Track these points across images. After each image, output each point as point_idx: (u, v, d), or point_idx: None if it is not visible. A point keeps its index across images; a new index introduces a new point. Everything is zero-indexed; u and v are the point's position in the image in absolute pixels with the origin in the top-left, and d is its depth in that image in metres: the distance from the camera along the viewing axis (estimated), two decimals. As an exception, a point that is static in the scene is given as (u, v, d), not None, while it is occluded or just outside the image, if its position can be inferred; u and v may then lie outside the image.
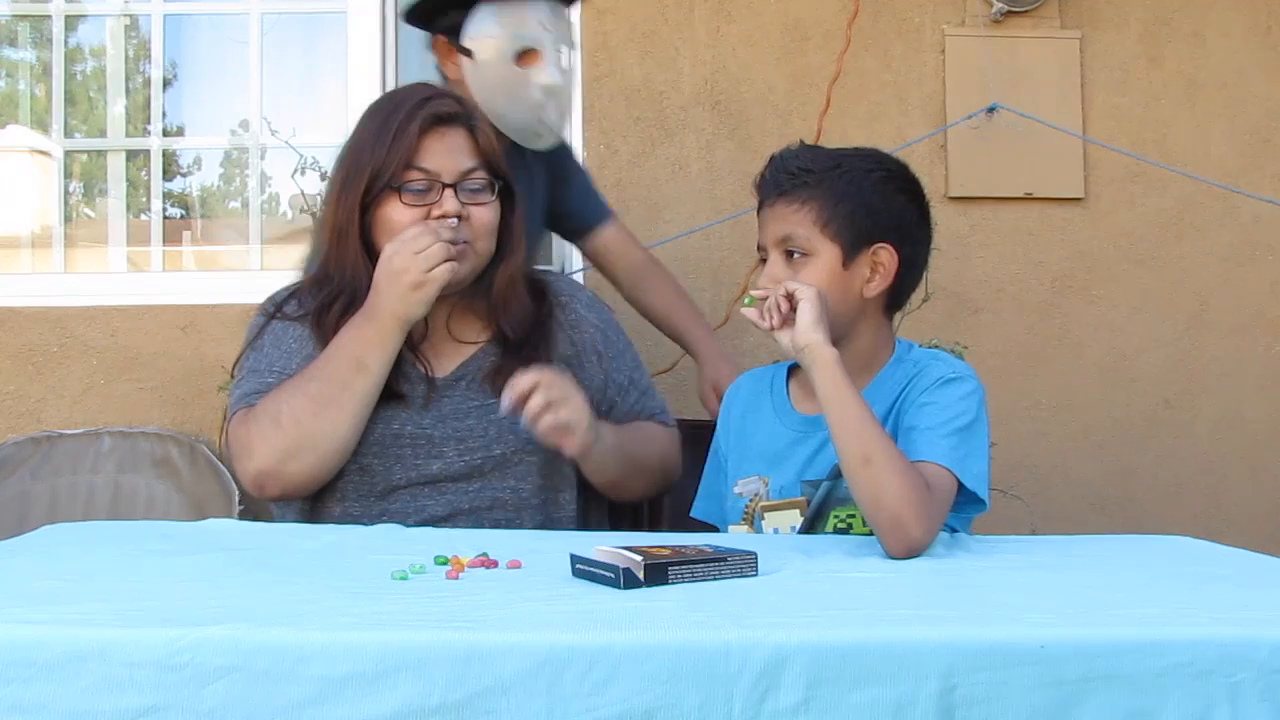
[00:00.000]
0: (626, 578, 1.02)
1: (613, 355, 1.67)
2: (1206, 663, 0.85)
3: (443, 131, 1.54)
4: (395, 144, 1.51)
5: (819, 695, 0.83)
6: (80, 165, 3.32)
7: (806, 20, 2.94)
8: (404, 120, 1.52)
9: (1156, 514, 2.94)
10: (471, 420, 1.56)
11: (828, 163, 1.50)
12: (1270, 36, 3.03)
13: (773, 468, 1.53)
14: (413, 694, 0.81)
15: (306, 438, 1.47)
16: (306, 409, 1.47)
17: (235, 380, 1.59)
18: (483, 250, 1.57)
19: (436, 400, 1.56)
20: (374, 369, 1.49)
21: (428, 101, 1.55)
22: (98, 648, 0.81)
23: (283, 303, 1.63)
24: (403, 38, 3.09)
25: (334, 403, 1.47)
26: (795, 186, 1.49)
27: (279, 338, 1.58)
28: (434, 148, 1.53)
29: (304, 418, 1.47)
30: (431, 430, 1.54)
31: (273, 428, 1.48)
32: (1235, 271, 3.01)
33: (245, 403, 1.54)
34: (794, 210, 1.49)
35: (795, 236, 1.48)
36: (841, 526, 1.47)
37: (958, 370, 1.47)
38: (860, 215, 1.48)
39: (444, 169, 1.53)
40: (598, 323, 1.68)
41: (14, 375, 2.84)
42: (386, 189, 1.52)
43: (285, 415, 1.48)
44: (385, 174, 1.51)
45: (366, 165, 1.52)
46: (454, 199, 1.52)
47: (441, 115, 1.54)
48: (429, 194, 1.52)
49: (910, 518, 1.26)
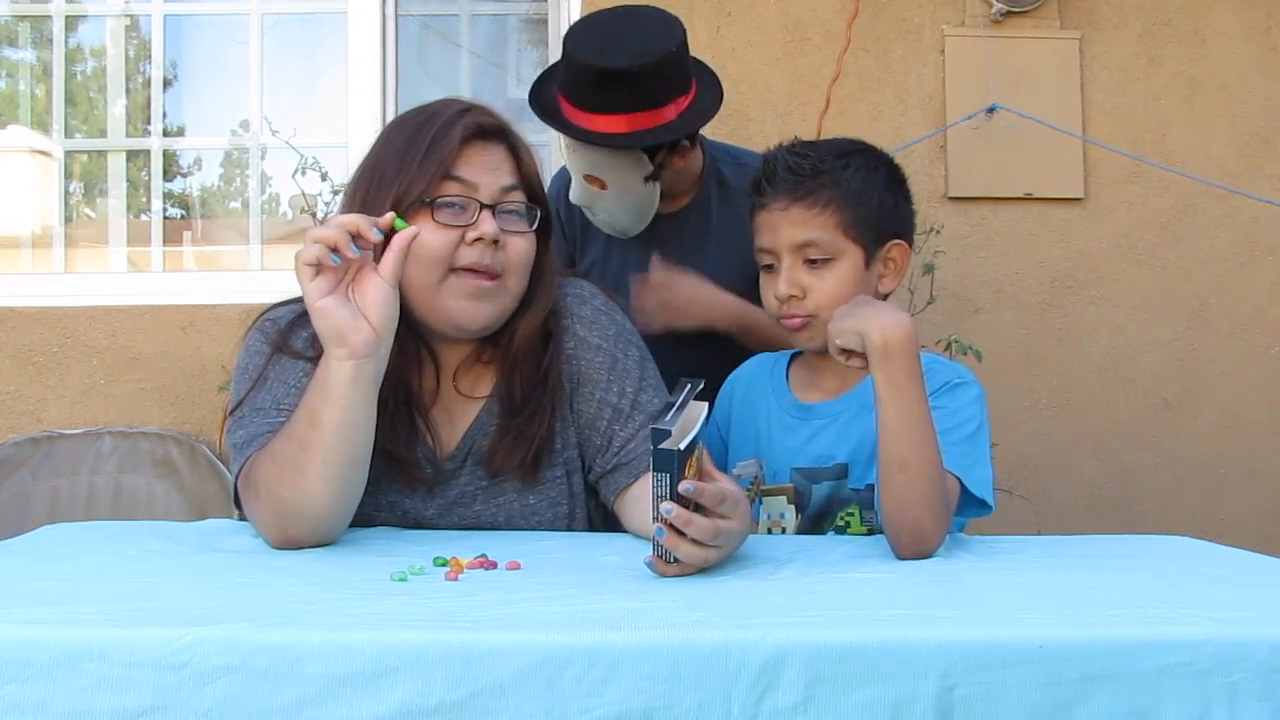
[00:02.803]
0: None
1: (615, 378, 1.46)
2: (1205, 662, 0.85)
3: (484, 145, 1.38)
4: (431, 152, 1.34)
5: (818, 695, 0.83)
6: (81, 165, 3.33)
7: (806, 20, 2.95)
8: (443, 128, 1.36)
9: (1156, 514, 2.94)
10: (478, 505, 1.45)
11: (837, 161, 1.48)
12: (1270, 37, 3.03)
13: (765, 451, 1.53)
14: (412, 694, 0.81)
15: (285, 505, 1.27)
16: (273, 475, 1.27)
17: (237, 415, 1.39)
18: (514, 289, 1.39)
19: (442, 486, 1.44)
20: (327, 424, 1.23)
21: (469, 111, 1.39)
22: (97, 648, 0.81)
23: (287, 331, 1.44)
24: (403, 37, 3.10)
25: (293, 465, 1.25)
26: (811, 189, 1.45)
27: (285, 372, 1.40)
28: (474, 160, 1.36)
29: (273, 485, 1.27)
30: (436, 520, 1.45)
31: (256, 500, 1.30)
32: (1235, 272, 3.01)
33: (249, 450, 1.35)
34: (814, 214, 1.46)
35: (819, 242, 1.45)
36: (840, 525, 1.47)
37: (961, 375, 1.47)
38: (878, 214, 1.48)
39: (483, 185, 1.36)
40: (599, 343, 1.47)
41: (14, 375, 2.84)
42: (417, 205, 1.33)
43: (261, 484, 1.28)
44: (417, 187, 1.33)
45: (393, 179, 1.34)
46: (491, 221, 1.34)
47: (485, 127, 1.38)
48: (464, 213, 1.34)
49: (930, 527, 1.26)
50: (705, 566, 1.11)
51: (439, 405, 1.45)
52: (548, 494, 1.46)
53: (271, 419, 1.35)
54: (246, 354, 1.44)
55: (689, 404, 1.12)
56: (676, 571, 1.10)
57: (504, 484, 1.45)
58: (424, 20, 3.69)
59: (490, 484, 1.45)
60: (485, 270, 1.35)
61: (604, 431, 1.44)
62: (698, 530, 1.07)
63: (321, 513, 1.27)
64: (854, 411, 1.49)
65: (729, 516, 1.10)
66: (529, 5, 3.60)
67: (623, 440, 1.44)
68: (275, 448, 1.28)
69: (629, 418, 1.44)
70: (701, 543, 1.08)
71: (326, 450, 1.24)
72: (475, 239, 1.34)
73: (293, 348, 1.42)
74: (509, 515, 1.45)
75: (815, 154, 1.49)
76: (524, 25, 3.81)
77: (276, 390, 1.39)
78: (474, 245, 1.34)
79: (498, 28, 3.88)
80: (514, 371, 1.42)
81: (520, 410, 1.42)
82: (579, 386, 1.46)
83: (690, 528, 1.07)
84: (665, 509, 1.05)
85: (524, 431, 1.42)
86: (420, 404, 1.43)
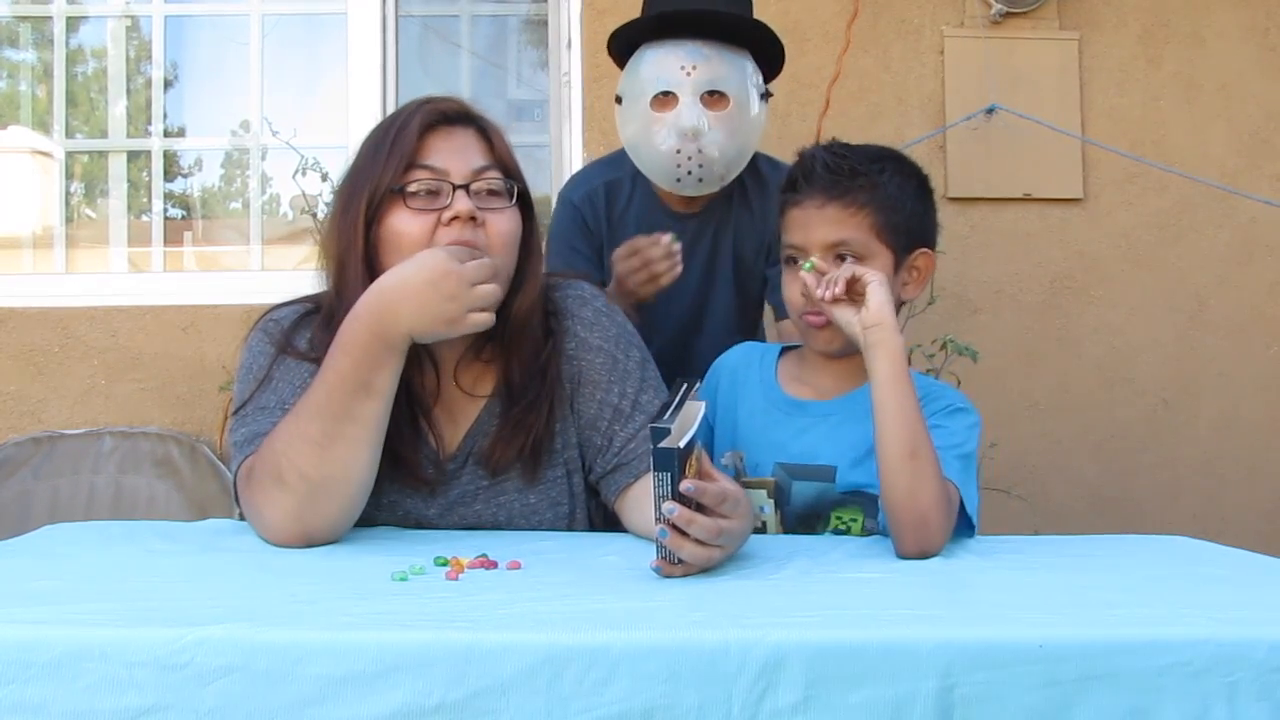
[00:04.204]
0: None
1: (616, 378, 1.46)
2: (1204, 662, 0.85)
3: (448, 131, 1.39)
4: (395, 145, 1.36)
5: (817, 695, 0.83)
6: (81, 166, 3.33)
7: (806, 21, 2.95)
8: (404, 120, 1.38)
9: (1155, 514, 2.94)
10: (479, 505, 1.45)
11: (873, 165, 1.49)
12: (1269, 38, 3.04)
13: (749, 444, 1.53)
14: (412, 694, 0.81)
15: (319, 488, 1.26)
16: (310, 456, 1.25)
17: (241, 414, 1.39)
18: (502, 268, 1.37)
19: (444, 486, 1.44)
20: (384, 390, 1.28)
21: (428, 101, 1.41)
22: (98, 648, 0.82)
23: (290, 331, 1.44)
24: (403, 38, 3.10)
25: (341, 439, 1.26)
26: (848, 189, 1.46)
27: (289, 372, 1.40)
28: (439, 146, 1.37)
29: (309, 468, 1.25)
30: (437, 520, 1.45)
31: (278, 488, 1.27)
32: (1234, 272, 3.01)
33: (252, 447, 1.34)
34: (850, 215, 1.46)
35: (852, 242, 1.46)
36: (841, 528, 1.47)
37: (962, 401, 1.50)
38: (909, 221, 1.49)
39: (452, 168, 1.36)
40: (600, 344, 1.47)
41: (15, 375, 2.85)
42: (389, 195, 1.35)
43: (288, 470, 1.26)
44: (385, 179, 1.35)
45: (365, 178, 1.36)
46: (466, 199, 1.34)
47: (446, 113, 1.40)
48: (438, 197, 1.35)
49: (935, 521, 1.27)
50: (708, 566, 1.11)
51: (440, 405, 1.46)
52: (548, 493, 1.46)
53: (276, 418, 1.34)
54: (250, 354, 1.43)
55: (686, 403, 1.12)
56: (681, 572, 1.10)
57: (505, 483, 1.45)
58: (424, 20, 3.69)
59: (491, 483, 1.45)
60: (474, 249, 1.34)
61: (604, 432, 1.45)
62: (701, 530, 1.07)
63: (358, 489, 1.30)
64: (844, 415, 1.50)
65: (730, 516, 1.11)
66: (529, 5, 3.60)
67: (623, 440, 1.44)
68: (303, 431, 1.27)
69: (629, 418, 1.44)
70: (705, 542, 1.08)
71: (380, 419, 1.29)
72: (452, 218, 1.34)
73: (296, 348, 1.42)
74: (510, 515, 1.45)
75: (853, 155, 1.49)
76: (524, 25, 3.81)
77: (282, 390, 1.38)
78: (452, 225, 1.34)
79: (498, 28, 3.88)
80: (512, 356, 1.43)
81: (519, 399, 1.43)
82: (580, 387, 1.46)
83: (693, 527, 1.07)
84: (668, 509, 1.06)
85: (522, 421, 1.42)
86: (422, 404, 1.44)
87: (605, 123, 2.91)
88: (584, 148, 2.90)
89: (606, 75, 2.93)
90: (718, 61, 1.95)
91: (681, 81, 1.94)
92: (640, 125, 1.99)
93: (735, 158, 2.00)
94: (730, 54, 1.98)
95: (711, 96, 1.95)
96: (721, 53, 1.96)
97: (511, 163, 1.43)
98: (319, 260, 1.44)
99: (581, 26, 2.93)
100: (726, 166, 1.99)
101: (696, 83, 1.94)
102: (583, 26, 2.92)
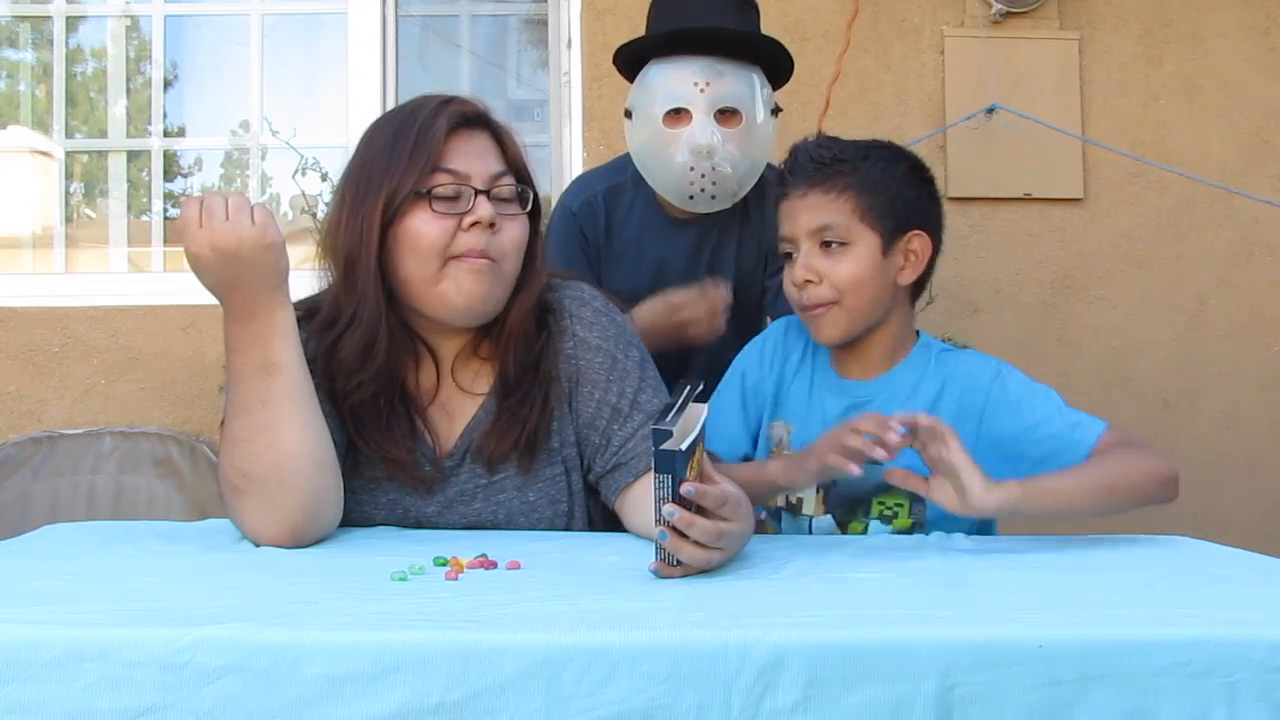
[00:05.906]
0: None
1: (615, 378, 1.46)
2: (1204, 662, 0.85)
3: (469, 134, 1.40)
4: (419, 146, 1.35)
5: (817, 695, 0.83)
6: (81, 166, 3.33)
7: (806, 21, 2.95)
8: (427, 119, 1.37)
9: (1155, 514, 2.93)
10: (478, 503, 1.45)
11: (858, 152, 1.51)
12: (1269, 37, 3.04)
13: (798, 418, 1.53)
14: (412, 694, 0.81)
15: (266, 482, 1.25)
16: (244, 455, 1.25)
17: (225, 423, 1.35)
18: (509, 272, 1.40)
19: (442, 484, 1.45)
20: (285, 363, 1.27)
21: (450, 102, 1.40)
22: (98, 648, 0.81)
23: None
24: (403, 38, 3.10)
25: (263, 427, 1.25)
26: (829, 176, 1.49)
27: None
28: (461, 149, 1.38)
29: (247, 465, 1.25)
30: (436, 518, 1.46)
31: (236, 496, 1.27)
32: (1234, 272, 3.01)
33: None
34: (831, 199, 1.48)
35: (834, 225, 1.48)
36: (888, 514, 1.47)
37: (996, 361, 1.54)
38: (896, 203, 1.50)
39: (474, 172, 1.37)
40: (599, 343, 1.46)
41: (15, 375, 2.85)
42: (412, 197, 1.35)
43: (234, 476, 1.26)
44: (409, 181, 1.34)
45: (382, 177, 1.35)
46: (488, 205, 1.36)
47: (468, 116, 1.40)
48: (457, 201, 1.36)
49: (1155, 475, 1.44)
50: (708, 568, 1.11)
51: (437, 403, 1.46)
52: (547, 491, 1.46)
53: None
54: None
55: (689, 406, 1.12)
56: (680, 573, 1.10)
57: (503, 481, 1.45)
58: (424, 20, 3.69)
59: (490, 481, 1.45)
60: (482, 254, 1.36)
61: (603, 431, 1.45)
62: (700, 532, 1.07)
63: (314, 466, 1.28)
64: (889, 396, 1.51)
65: (731, 519, 1.11)
66: (529, 5, 3.60)
67: (622, 440, 1.44)
68: (231, 435, 1.27)
69: (628, 417, 1.44)
70: (704, 545, 1.08)
71: (294, 391, 1.27)
72: (473, 224, 1.35)
73: None
74: (509, 513, 1.45)
75: (837, 145, 1.52)
76: (524, 25, 3.81)
77: None
78: (471, 231, 1.36)
79: (498, 28, 3.88)
80: (508, 354, 1.44)
81: (513, 393, 1.43)
82: (578, 386, 1.46)
83: (693, 530, 1.07)
84: (668, 512, 1.05)
85: (516, 414, 1.43)
86: (418, 404, 1.45)
87: (605, 123, 2.91)
88: (584, 148, 2.90)
89: (606, 75, 2.93)
90: (730, 78, 1.95)
91: (695, 98, 1.94)
92: (652, 140, 1.98)
93: (747, 174, 2.00)
94: (742, 70, 1.98)
95: (724, 114, 1.95)
96: (734, 69, 1.96)
97: (524, 167, 1.44)
98: (319, 259, 1.44)
99: (581, 26, 2.93)
100: (739, 183, 2.00)
101: (710, 99, 1.93)
102: (583, 26, 2.93)
